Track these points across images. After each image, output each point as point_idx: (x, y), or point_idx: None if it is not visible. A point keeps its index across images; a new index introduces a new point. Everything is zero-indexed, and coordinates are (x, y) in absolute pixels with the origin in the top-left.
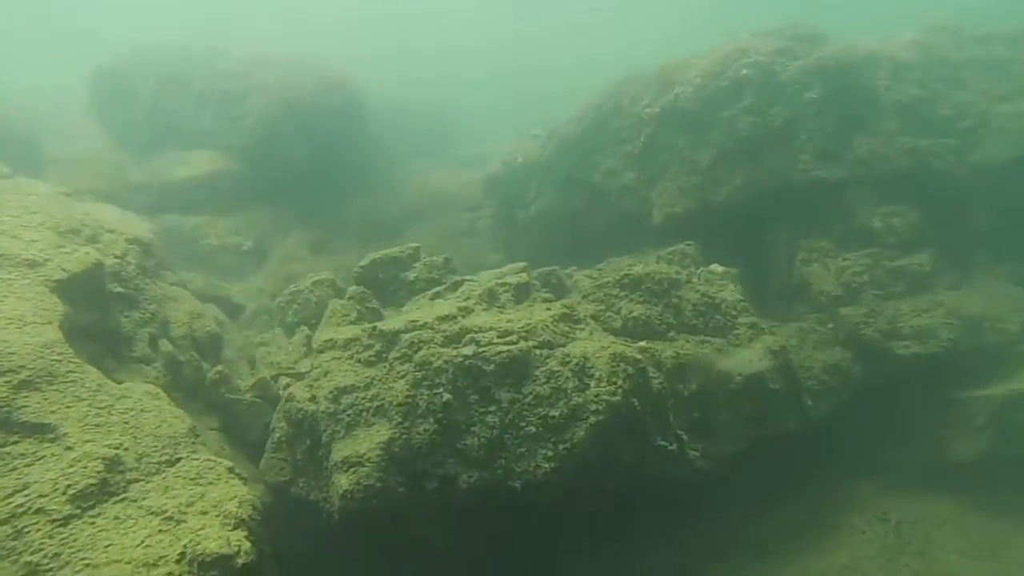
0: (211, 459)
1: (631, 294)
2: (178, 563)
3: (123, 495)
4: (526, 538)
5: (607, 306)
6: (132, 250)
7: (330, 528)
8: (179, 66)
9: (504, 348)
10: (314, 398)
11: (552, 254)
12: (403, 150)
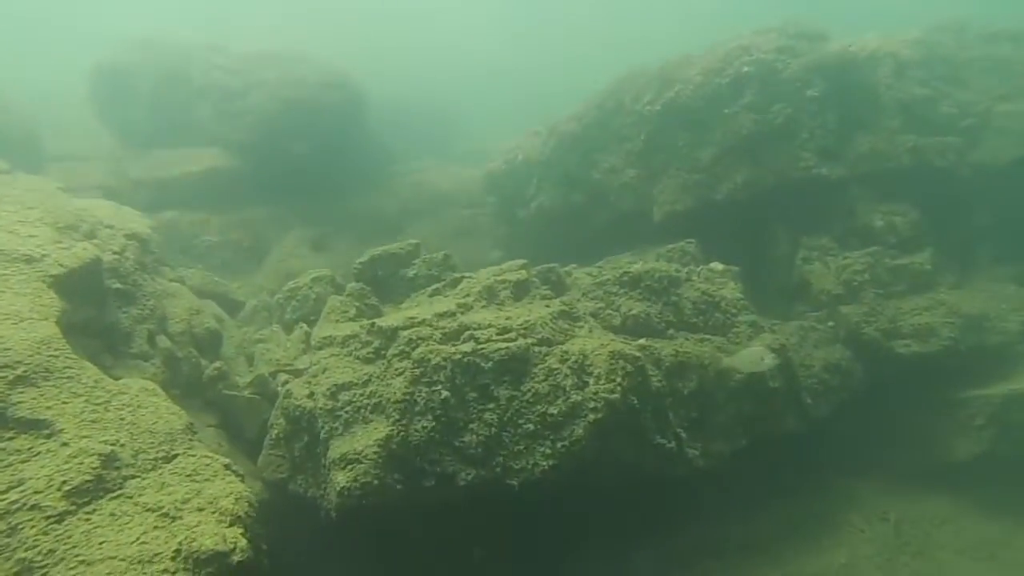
0: (208, 456)
1: (631, 292)
2: (173, 560)
3: (119, 491)
4: (524, 536)
5: (607, 304)
6: (130, 246)
7: (327, 525)
8: (179, 63)
9: (503, 345)
10: (312, 395)
11: (552, 251)
12: (403, 148)
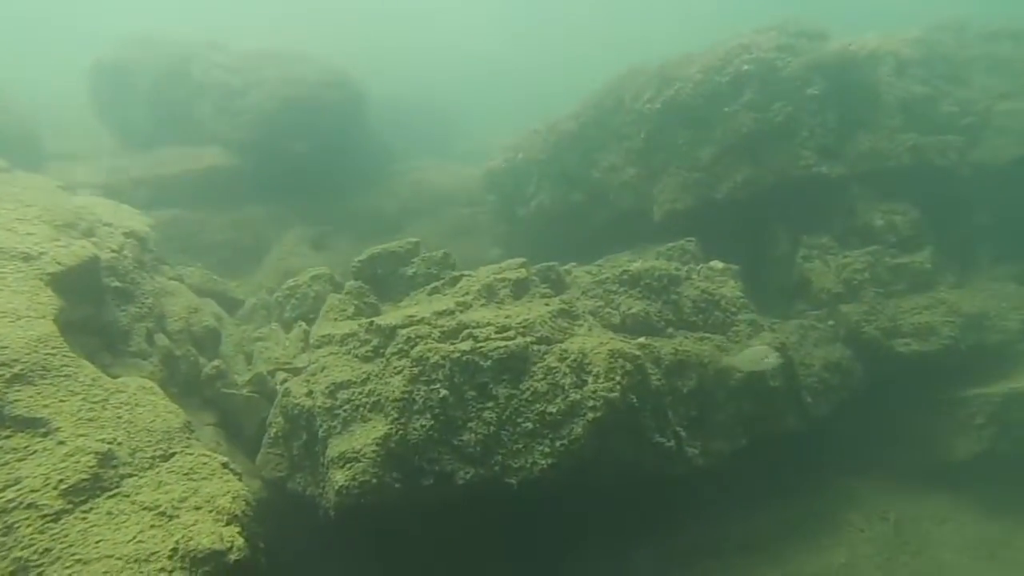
0: (205, 454)
1: (630, 290)
2: (170, 559)
3: (116, 490)
4: (522, 535)
5: (606, 302)
6: (129, 244)
7: (326, 524)
8: (179, 60)
9: (502, 344)
10: (311, 393)
11: (552, 250)
12: (403, 146)
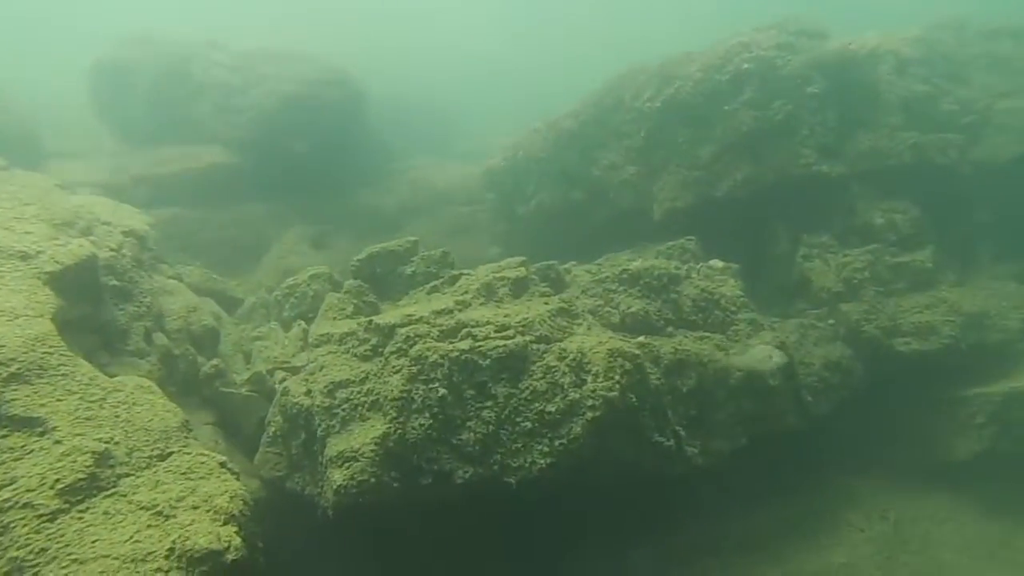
0: (203, 453)
1: (630, 289)
2: (167, 559)
3: (113, 490)
4: (521, 534)
5: (606, 301)
6: (128, 243)
7: (324, 523)
8: (179, 59)
9: (500, 343)
10: (309, 392)
11: (551, 248)
12: (403, 145)
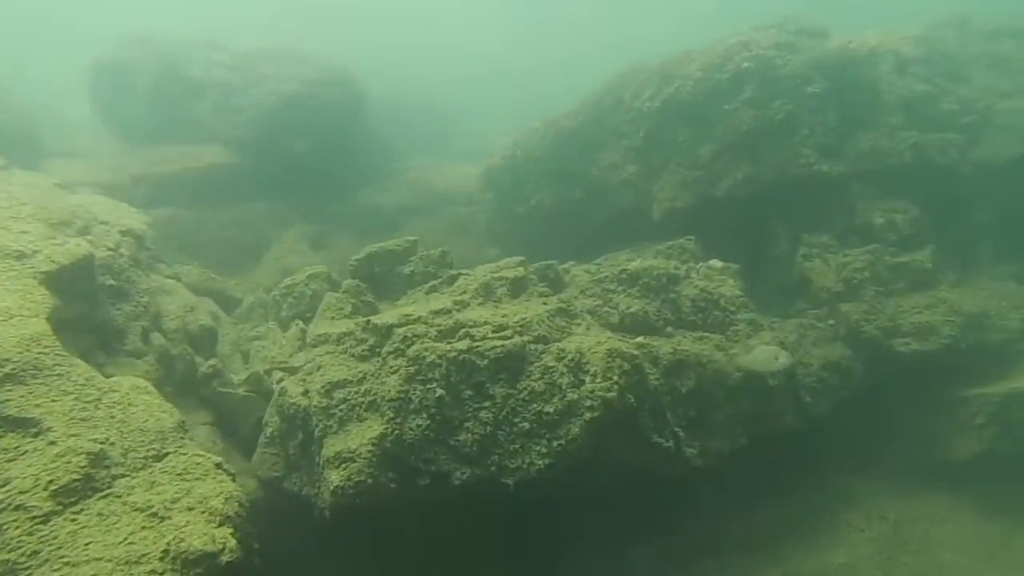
0: (199, 454)
1: (629, 289)
2: (161, 560)
3: (107, 491)
4: (519, 535)
5: (605, 301)
6: (125, 242)
7: (322, 524)
8: (179, 59)
9: (498, 343)
10: (307, 392)
11: (550, 248)
12: (403, 145)
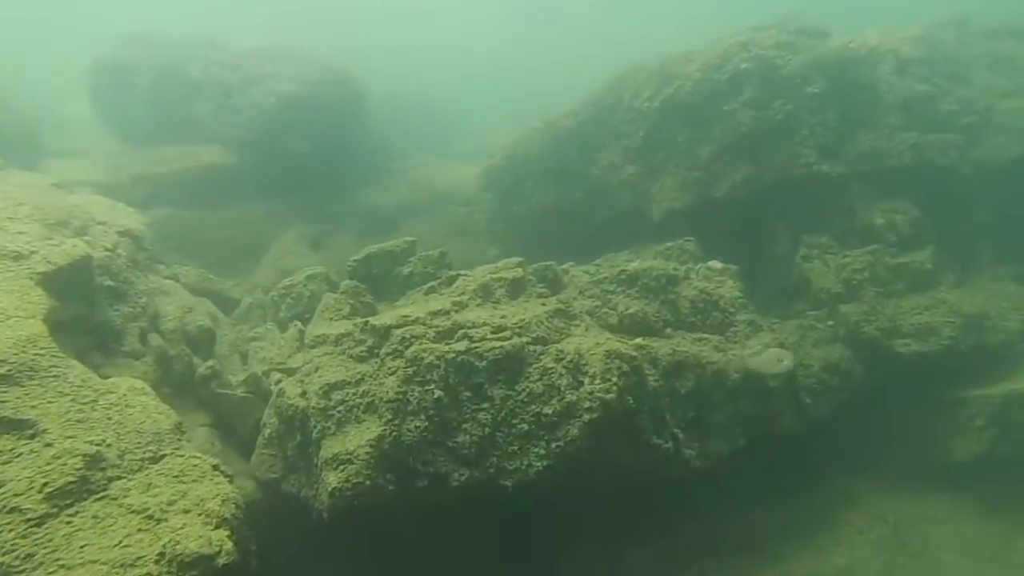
0: (196, 456)
1: (628, 290)
2: (157, 563)
3: (103, 493)
4: (517, 536)
5: (604, 302)
6: (123, 243)
7: (320, 526)
8: (178, 59)
9: (497, 344)
10: (305, 394)
11: (549, 249)
12: (402, 146)
